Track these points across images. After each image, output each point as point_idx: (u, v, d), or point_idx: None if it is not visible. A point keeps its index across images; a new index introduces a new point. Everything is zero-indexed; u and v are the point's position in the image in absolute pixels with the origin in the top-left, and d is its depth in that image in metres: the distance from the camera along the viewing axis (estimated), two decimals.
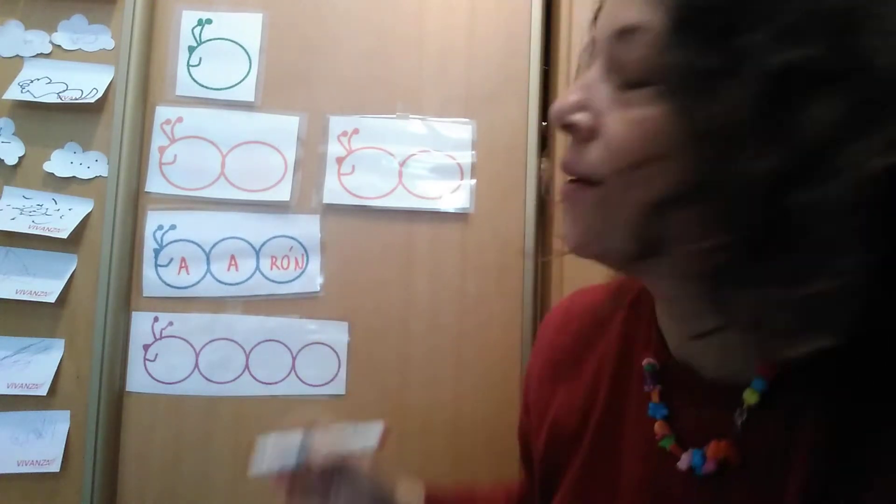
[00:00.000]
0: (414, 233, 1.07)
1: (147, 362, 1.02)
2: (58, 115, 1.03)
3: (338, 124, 1.08)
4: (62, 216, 1.01)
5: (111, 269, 1.01)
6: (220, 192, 1.05)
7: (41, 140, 1.03)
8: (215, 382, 1.03)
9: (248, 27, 1.07)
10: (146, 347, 1.03)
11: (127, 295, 1.03)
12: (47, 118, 1.03)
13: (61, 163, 1.03)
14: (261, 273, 1.05)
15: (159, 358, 1.03)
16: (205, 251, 1.04)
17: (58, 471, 0.98)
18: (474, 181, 1.08)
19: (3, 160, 1.02)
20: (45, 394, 0.98)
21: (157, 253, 1.04)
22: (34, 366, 0.99)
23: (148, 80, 1.06)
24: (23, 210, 1.01)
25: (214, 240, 1.05)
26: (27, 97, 1.01)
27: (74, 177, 1.03)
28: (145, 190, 1.04)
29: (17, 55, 1.04)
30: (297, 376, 1.04)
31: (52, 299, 0.99)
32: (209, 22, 1.07)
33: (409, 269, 1.06)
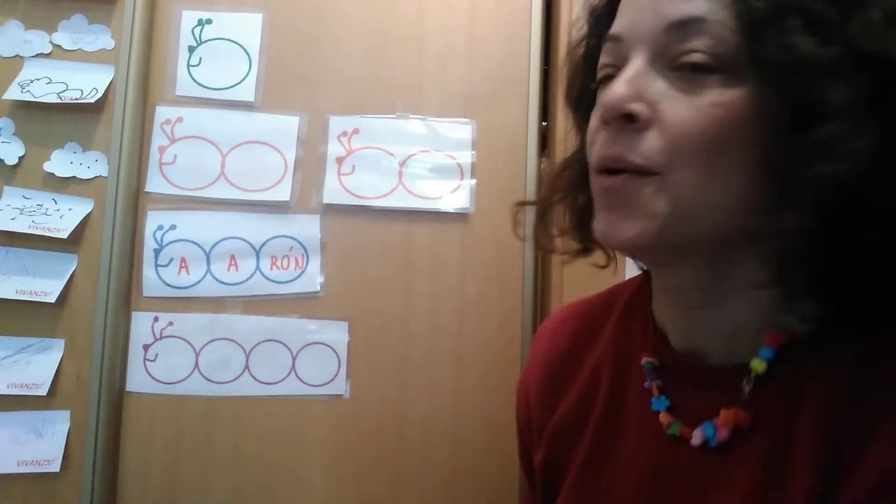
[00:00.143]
0: (414, 233, 1.07)
1: (147, 362, 1.02)
2: (58, 115, 1.03)
3: (338, 124, 1.08)
4: (62, 216, 1.01)
5: (111, 269, 1.01)
6: (220, 192, 1.05)
7: (41, 140, 1.03)
8: (215, 382, 1.03)
9: (248, 27, 1.07)
10: (146, 347, 1.03)
11: (127, 295, 1.03)
12: (47, 118, 1.03)
13: (61, 163, 1.03)
14: (261, 273, 1.05)
15: (159, 358, 1.03)
16: (205, 251, 1.04)
17: (58, 471, 0.98)
18: (474, 181, 1.08)
19: (3, 160, 1.02)
20: (45, 394, 0.98)
21: (157, 253, 1.04)
22: (34, 366, 0.99)
23: (148, 80, 1.06)
24: (23, 210, 1.01)
25: (214, 240, 1.05)
26: (27, 97, 1.01)
27: (74, 177, 1.03)
28: (145, 190, 1.04)
29: (17, 55, 1.04)
30: (297, 376, 1.04)
31: (52, 299, 0.99)
32: (209, 22, 1.07)
33: (409, 269, 1.06)
